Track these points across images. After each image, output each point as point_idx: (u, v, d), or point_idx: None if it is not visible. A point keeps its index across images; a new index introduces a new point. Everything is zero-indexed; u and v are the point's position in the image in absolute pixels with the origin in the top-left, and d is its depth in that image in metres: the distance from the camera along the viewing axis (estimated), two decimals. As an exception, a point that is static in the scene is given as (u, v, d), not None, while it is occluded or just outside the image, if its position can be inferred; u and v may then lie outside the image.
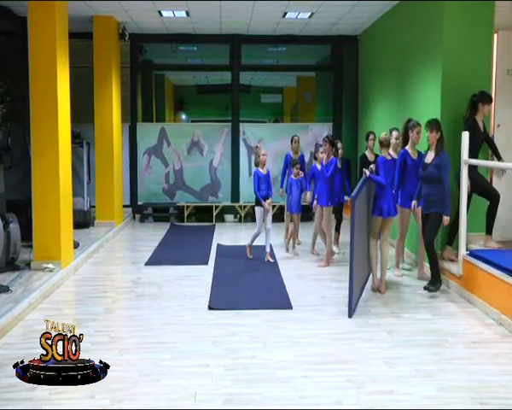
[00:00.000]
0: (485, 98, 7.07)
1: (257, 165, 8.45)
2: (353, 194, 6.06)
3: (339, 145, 8.69)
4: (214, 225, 11.79)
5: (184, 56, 15.18)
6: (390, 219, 6.84)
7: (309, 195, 8.78)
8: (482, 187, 7.19)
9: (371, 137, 8.50)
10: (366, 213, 6.79)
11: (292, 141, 9.71)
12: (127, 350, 5.12)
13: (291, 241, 9.11)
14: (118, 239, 10.49)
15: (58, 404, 4.04)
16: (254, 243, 8.57)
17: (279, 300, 6.52)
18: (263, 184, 8.30)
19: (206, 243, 9.88)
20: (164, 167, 12.67)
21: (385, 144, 7.16)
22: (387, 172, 6.86)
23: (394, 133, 8.44)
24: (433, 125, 6.60)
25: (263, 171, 8.35)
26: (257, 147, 8.92)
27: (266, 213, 8.29)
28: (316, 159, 8.67)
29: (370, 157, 8.26)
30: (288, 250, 9.06)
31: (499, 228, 7.81)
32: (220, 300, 6.48)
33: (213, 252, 9.14)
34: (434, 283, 6.62)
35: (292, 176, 8.85)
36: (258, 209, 8.34)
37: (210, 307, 6.24)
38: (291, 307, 6.25)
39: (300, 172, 8.88)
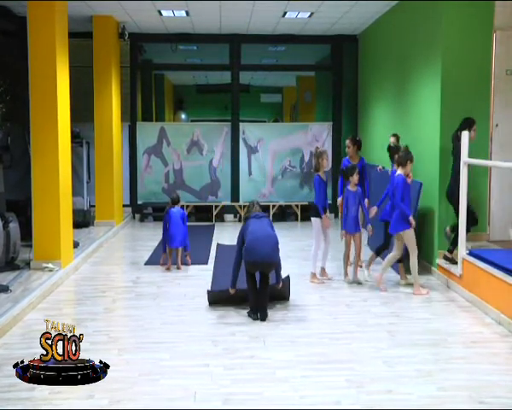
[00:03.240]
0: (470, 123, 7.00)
1: (317, 170, 7.34)
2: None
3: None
4: (214, 225, 11.79)
5: (184, 56, 15.19)
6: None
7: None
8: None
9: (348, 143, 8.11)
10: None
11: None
12: (126, 350, 5.12)
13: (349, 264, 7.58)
14: (117, 239, 10.49)
15: (57, 404, 4.05)
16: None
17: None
18: (323, 194, 7.31)
19: (205, 242, 9.89)
20: (163, 167, 12.67)
21: (400, 162, 6.84)
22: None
23: (391, 139, 8.49)
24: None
25: (323, 176, 7.35)
26: (317, 148, 7.69)
27: (326, 228, 7.36)
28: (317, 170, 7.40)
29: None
30: (346, 275, 7.44)
31: (499, 228, 7.84)
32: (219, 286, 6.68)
33: (213, 252, 9.15)
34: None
35: (349, 187, 7.32)
36: (316, 221, 7.28)
37: (209, 296, 6.39)
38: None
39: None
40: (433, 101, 7.73)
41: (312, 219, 7.33)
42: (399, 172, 6.83)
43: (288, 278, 6.46)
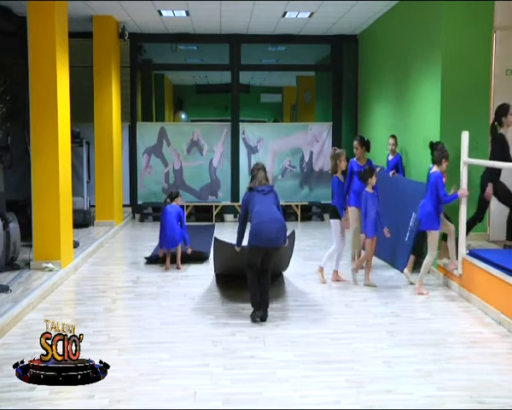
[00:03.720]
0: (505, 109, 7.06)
1: (335, 171, 7.25)
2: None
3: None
4: (214, 225, 11.79)
5: (184, 56, 15.19)
6: None
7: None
8: (506, 195, 7.18)
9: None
10: None
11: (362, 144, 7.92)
12: (126, 350, 5.12)
13: (360, 266, 7.46)
14: (117, 239, 10.49)
15: (57, 404, 4.04)
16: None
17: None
18: (342, 195, 7.28)
19: (205, 242, 9.87)
20: (163, 167, 12.67)
21: (436, 160, 6.75)
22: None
23: (390, 140, 8.57)
24: None
25: (341, 178, 7.29)
26: (335, 149, 7.47)
27: (346, 228, 7.36)
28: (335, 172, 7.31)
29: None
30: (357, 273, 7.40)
31: (499, 228, 7.84)
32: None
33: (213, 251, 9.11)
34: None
35: (367, 189, 7.20)
36: (335, 223, 7.21)
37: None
38: None
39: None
40: (433, 101, 7.73)
41: (332, 220, 7.26)
42: (435, 169, 6.76)
43: (293, 233, 6.74)
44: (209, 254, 8.64)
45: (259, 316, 5.79)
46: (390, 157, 8.92)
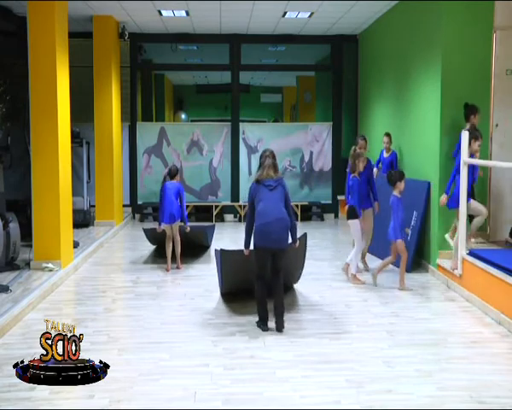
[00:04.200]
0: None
1: (353, 171, 7.24)
2: None
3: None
4: (214, 225, 11.76)
5: (184, 56, 15.19)
6: None
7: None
8: None
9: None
10: None
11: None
12: (126, 350, 5.12)
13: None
14: (117, 239, 10.49)
15: (57, 404, 4.05)
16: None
17: None
18: (360, 195, 7.24)
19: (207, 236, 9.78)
20: (164, 167, 12.59)
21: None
22: None
23: (384, 138, 8.77)
24: None
25: (358, 178, 7.27)
26: (354, 149, 7.47)
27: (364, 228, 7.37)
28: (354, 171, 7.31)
29: None
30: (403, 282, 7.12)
31: (499, 228, 7.84)
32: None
33: (212, 251, 9.08)
34: None
35: (395, 193, 7.00)
36: (355, 223, 7.20)
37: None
38: None
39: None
40: (433, 101, 7.73)
41: (350, 221, 7.24)
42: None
43: (304, 235, 6.41)
44: (209, 236, 8.90)
45: (266, 330, 5.49)
46: (385, 154, 9.13)
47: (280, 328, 5.48)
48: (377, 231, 7.91)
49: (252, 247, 5.67)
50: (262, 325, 5.57)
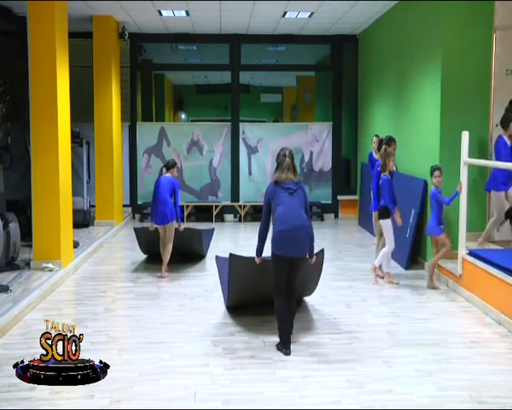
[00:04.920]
0: None
1: (384, 170, 7.15)
2: None
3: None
4: (213, 229, 11.58)
5: (184, 56, 15.19)
6: None
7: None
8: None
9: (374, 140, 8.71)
10: None
11: None
12: (126, 350, 5.12)
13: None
14: (117, 239, 10.49)
15: (57, 404, 4.05)
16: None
17: None
18: (393, 194, 7.15)
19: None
20: (163, 167, 12.65)
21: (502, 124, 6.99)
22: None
23: (374, 139, 8.92)
24: None
25: (389, 177, 7.16)
26: (385, 149, 7.45)
27: (399, 225, 7.24)
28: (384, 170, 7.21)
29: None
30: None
31: (499, 228, 7.82)
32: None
33: (212, 252, 9.08)
34: None
35: (433, 187, 6.93)
36: (387, 222, 7.11)
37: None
38: None
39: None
40: (433, 100, 7.73)
41: (382, 221, 7.17)
42: (502, 134, 6.88)
43: (322, 251, 5.88)
44: (205, 243, 8.53)
45: (288, 354, 4.97)
46: (377, 156, 9.09)
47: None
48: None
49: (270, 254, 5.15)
50: (284, 347, 5.00)
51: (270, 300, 5.25)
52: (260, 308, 6.05)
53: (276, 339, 5.28)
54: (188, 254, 8.50)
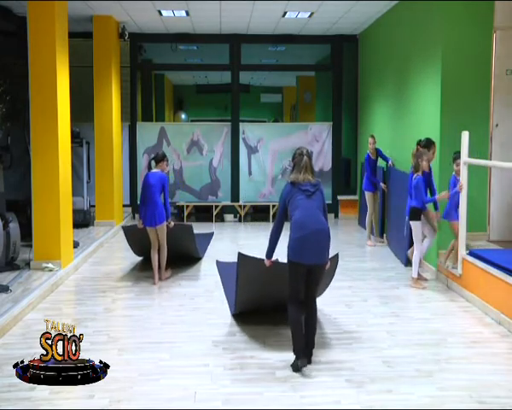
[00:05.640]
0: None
1: (417, 170, 6.98)
2: None
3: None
4: (212, 233, 11.39)
5: (184, 56, 15.19)
6: None
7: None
8: None
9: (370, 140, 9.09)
10: None
11: None
12: (126, 350, 5.12)
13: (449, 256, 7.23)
14: (117, 239, 10.47)
15: (57, 404, 4.05)
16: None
17: None
18: (426, 194, 7.03)
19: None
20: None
21: None
22: None
23: (370, 139, 9.27)
24: None
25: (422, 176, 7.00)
26: (417, 148, 7.31)
27: (435, 219, 7.15)
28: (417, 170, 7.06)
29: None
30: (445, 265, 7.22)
31: (499, 228, 7.84)
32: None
33: (211, 252, 9.07)
34: None
35: (455, 173, 6.93)
36: (417, 225, 6.96)
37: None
38: None
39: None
40: (433, 100, 7.73)
41: (412, 223, 7.00)
42: None
43: (336, 257, 5.50)
44: (201, 248, 8.34)
45: (304, 365, 4.63)
46: (373, 157, 9.63)
47: (305, 363, 4.68)
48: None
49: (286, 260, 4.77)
50: (297, 359, 4.64)
51: (283, 306, 4.91)
52: (264, 310, 5.93)
53: (276, 339, 5.29)
54: (181, 255, 8.12)
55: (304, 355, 4.65)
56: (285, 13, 10.34)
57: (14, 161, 8.98)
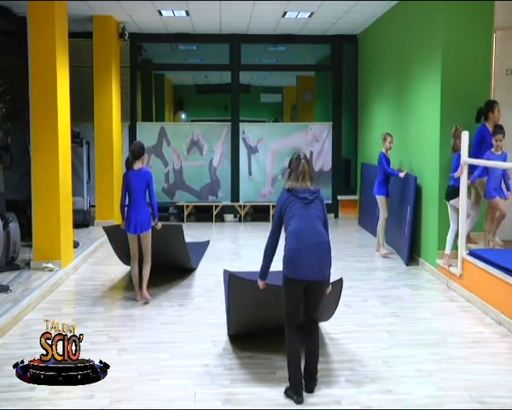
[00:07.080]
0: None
1: (455, 150, 7.00)
2: None
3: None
4: (207, 241, 11.18)
5: (184, 56, 15.20)
6: None
7: None
8: None
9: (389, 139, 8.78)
10: None
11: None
12: (126, 350, 5.12)
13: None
14: (117, 239, 10.48)
15: (57, 404, 4.05)
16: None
17: None
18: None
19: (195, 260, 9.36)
20: (163, 167, 12.67)
21: None
22: None
23: (388, 138, 8.85)
24: None
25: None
26: (457, 128, 7.15)
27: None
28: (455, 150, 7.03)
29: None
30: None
31: (498, 228, 7.81)
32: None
33: (213, 251, 9.07)
34: None
35: (492, 150, 6.92)
36: (455, 202, 6.90)
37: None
38: None
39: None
40: (433, 100, 7.72)
41: (451, 201, 6.96)
42: None
43: (340, 281, 4.93)
44: (195, 258, 7.82)
45: (301, 401, 4.11)
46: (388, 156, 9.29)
47: (312, 388, 4.26)
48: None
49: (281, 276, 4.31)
50: (295, 394, 4.13)
51: (281, 327, 4.41)
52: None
53: (276, 339, 5.28)
54: (170, 266, 7.49)
55: (299, 388, 4.15)
56: (285, 13, 10.34)
57: (14, 161, 8.98)
